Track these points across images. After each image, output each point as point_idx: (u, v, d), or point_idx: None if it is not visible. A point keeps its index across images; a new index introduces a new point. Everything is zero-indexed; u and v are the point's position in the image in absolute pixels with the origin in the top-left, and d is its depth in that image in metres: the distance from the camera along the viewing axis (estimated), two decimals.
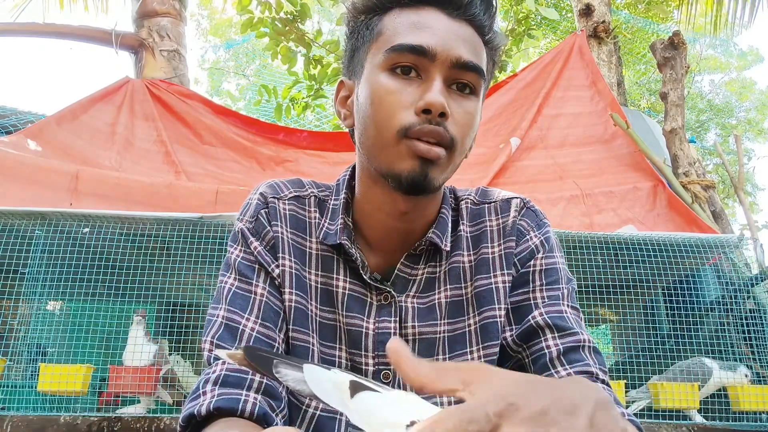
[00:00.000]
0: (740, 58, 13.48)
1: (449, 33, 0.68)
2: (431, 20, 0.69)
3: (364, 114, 0.70)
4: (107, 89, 3.46)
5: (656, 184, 3.03)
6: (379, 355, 0.73)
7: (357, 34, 0.75)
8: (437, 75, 0.67)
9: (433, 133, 0.66)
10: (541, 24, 6.96)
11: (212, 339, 0.70)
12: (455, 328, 0.76)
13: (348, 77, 0.78)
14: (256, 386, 0.67)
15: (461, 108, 0.69)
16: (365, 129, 0.71)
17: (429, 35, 0.67)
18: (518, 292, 0.76)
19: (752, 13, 5.00)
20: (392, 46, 0.68)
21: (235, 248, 0.76)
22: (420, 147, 0.66)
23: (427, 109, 0.65)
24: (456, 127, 0.68)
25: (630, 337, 3.18)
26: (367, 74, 0.71)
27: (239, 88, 12.49)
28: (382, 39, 0.70)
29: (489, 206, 0.80)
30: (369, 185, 0.75)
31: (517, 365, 0.75)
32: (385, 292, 0.75)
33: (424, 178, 0.67)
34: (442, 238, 0.75)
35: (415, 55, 0.67)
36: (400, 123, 0.66)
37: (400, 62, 0.68)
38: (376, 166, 0.70)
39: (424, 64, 0.67)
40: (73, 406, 2.20)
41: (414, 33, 0.68)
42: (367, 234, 0.77)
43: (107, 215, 2.34)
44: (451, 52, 0.67)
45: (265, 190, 0.79)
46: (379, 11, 0.72)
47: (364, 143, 0.71)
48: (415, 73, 0.68)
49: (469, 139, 0.71)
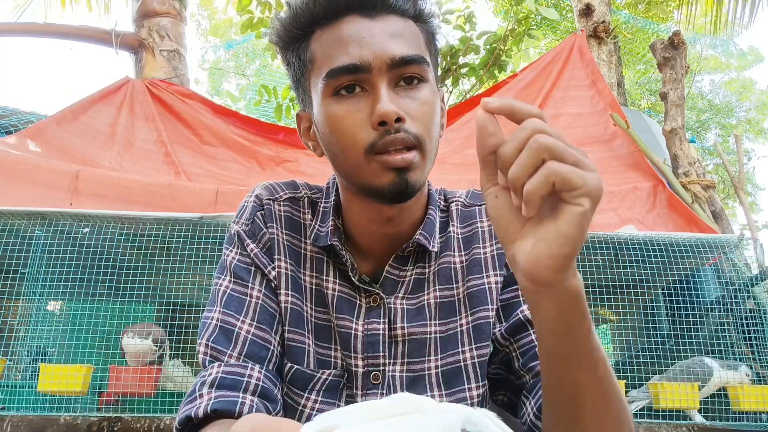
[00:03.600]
0: (740, 58, 13.47)
1: (375, 36, 0.67)
2: (353, 31, 0.67)
3: (327, 141, 0.70)
4: (107, 89, 3.46)
5: (656, 184, 3.03)
6: (369, 357, 0.73)
7: (292, 67, 0.74)
8: (379, 83, 0.66)
9: (397, 141, 0.65)
10: (541, 24, 6.95)
11: (207, 341, 0.70)
12: (447, 328, 0.76)
13: (302, 109, 0.77)
14: (252, 388, 0.67)
15: (415, 101, 0.67)
16: (334, 155, 0.71)
17: (356, 48, 0.66)
18: (508, 290, 0.77)
19: (752, 13, 5.00)
20: (327, 73, 0.67)
21: (231, 250, 0.76)
22: (391, 160, 0.65)
23: (382, 121, 0.64)
24: (416, 123, 0.67)
25: (630, 337, 3.18)
26: (316, 104, 0.70)
27: (239, 88, 12.49)
28: (316, 66, 0.70)
29: (480, 209, 0.81)
30: (350, 198, 0.75)
31: (504, 359, 0.76)
32: (374, 294, 0.75)
33: (406, 186, 0.66)
34: (430, 239, 0.75)
35: (351, 74, 0.66)
36: (362, 142, 0.66)
37: (340, 84, 0.67)
38: (355, 185, 0.70)
39: (364, 77, 0.66)
40: (73, 406, 2.19)
41: (342, 52, 0.66)
42: (356, 238, 0.77)
43: (107, 215, 2.34)
44: (384, 55, 0.66)
45: (261, 192, 0.79)
46: (303, 39, 0.71)
47: (339, 167, 0.72)
48: (360, 89, 0.67)
49: (434, 126, 0.69)
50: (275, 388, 0.70)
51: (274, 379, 0.71)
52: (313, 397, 0.73)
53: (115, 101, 3.41)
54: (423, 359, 0.75)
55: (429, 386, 0.74)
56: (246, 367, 0.68)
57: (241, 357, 0.69)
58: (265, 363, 0.70)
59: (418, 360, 0.75)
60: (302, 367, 0.73)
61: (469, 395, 0.74)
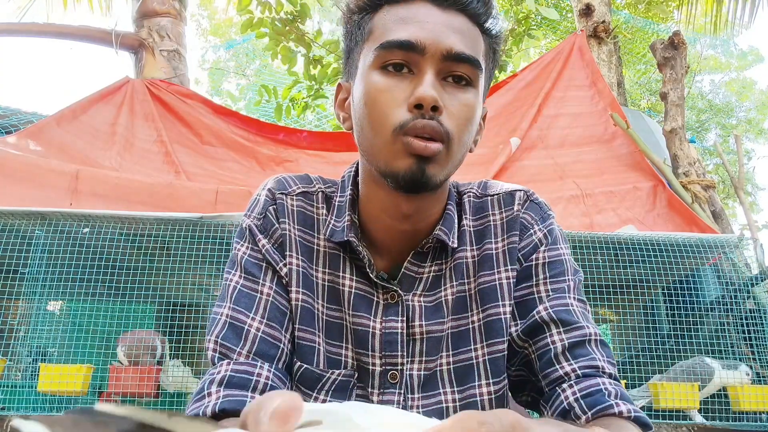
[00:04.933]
0: (740, 58, 13.47)
1: (439, 25, 0.66)
2: (420, 13, 0.67)
3: (360, 114, 0.69)
4: (107, 89, 3.46)
5: (656, 184, 3.03)
6: (386, 356, 0.72)
7: (350, 35, 0.74)
8: (428, 68, 0.65)
9: (426, 128, 0.64)
10: (541, 24, 6.96)
11: (216, 338, 0.69)
12: (459, 324, 0.75)
13: (345, 79, 0.77)
14: (261, 387, 0.66)
15: (457, 100, 0.67)
16: (362, 129, 0.69)
17: (417, 29, 0.66)
18: (522, 286, 0.74)
19: (752, 13, 5.00)
20: (381, 44, 0.67)
21: (242, 245, 0.74)
22: (415, 145, 0.64)
23: (418, 104, 0.64)
24: (452, 120, 0.66)
25: (630, 337, 3.18)
26: (360, 74, 0.70)
27: (239, 88, 12.48)
28: (372, 38, 0.69)
29: (492, 199, 0.78)
30: (371, 187, 0.73)
31: (524, 360, 0.74)
32: (392, 291, 0.73)
33: (422, 175, 0.65)
34: (449, 235, 0.74)
35: (404, 50, 0.66)
36: (394, 120, 0.65)
37: (391, 59, 0.67)
38: (375, 166, 0.69)
39: (415, 58, 0.66)
40: (73, 406, 2.19)
41: (402, 28, 0.66)
42: (373, 234, 0.76)
43: (107, 215, 2.34)
44: (442, 44, 0.65)
45: (274, 186, 0.77)
46: (369, 10, 0.71)
47: (362, 144, 0.71)
48: (407, 69, 0.67)
49: (468, 132, 0.68)
50: (284, 387, 0.69)
51: (283, 378, 0.70)
52: (322, 397, 0.72)
53: (115, 101, 3.41)
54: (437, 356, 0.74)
55: (441, 383, 0.73)
56: (255, 366, 0.67)
57: (251, 355, 0.68)
58: (274, 361, 0.69)
59: (434, 358, 0.74)
60: (312, 367, 0.72)
61: (479, 392, 0.72)
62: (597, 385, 0.66)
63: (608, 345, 0.71)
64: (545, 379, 0.70)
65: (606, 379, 0.67)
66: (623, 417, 0.63)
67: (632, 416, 0.63)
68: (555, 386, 0.68)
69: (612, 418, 0.64)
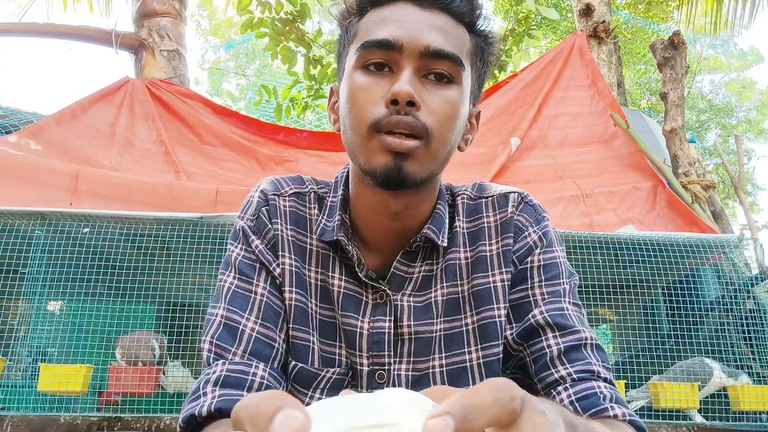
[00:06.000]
0: (740, 58, 13.47)
1: (418, 23, 0.67)
2: (400, 13, 0.68)
3: (343, 114, 0.71)
4: (107, 89, 3.46)
5: (656, 184, 3.03)
6: (374, 355, 0.72)
7: (341, 39, 0.76)
8: (406, 66, 0.66)
9: (401, 123, 0.64)
10: (541, 24, 6.95)
11: (211, 339, 0.70)
12: (452, 326, 0.74)
13: (337, 82, 0.78)
14: (257, 387, 0.67)
15: (438, 96, 0.67)
16: (345, 129, 0.71)
17: (396, 27, 0.67)
18: (517, 289, 0.74)
19: (752, 13, 5.00)
20: (362, 44, 0.68)
21: (236, 246, 0.75)
22: (389, 141, 0.65)
23: (394, 100, 0.64)
24: (431, 116, 0.66)
25: (630, 337, 3.18)
26: (345, 75, 0.71)
27: (239, 88, 12.49)
28: (356, 39, 0.71)
29: (486, 201, 0.78)
30: (360, 186, 0.74)
31: (519, 363, 0.74)
32: (381, 291, 0.74)
33: (399, 172, 0.65)
34: (438, 233, 0.74)
35: (383, 49, 0.67)
36: (370, 118, 0.66)
37: (371, 59, 0.68)
38: (357, 164, 0.70)
39: (394, 57, 0.67)
40: (73, 406, 2.19)
41: (382, 28, 0.68)
42: (363, 233, 0.76)
43: (107, 215, 2.34)
44: (419, 41, 0.66)
45: (266, 187, 0.78)
46: (357, 14, 0.73)
47: (346, 143, 0.71)
48: (388, 68, 0.68)
49: (451, 129, 0.68)
50: (280, 386, 0.70)
51: (278, 377, 0.70)
52: (318, 396, 0.72)
53: (115, 101, 3.41)
54: (428, 358, 0.74)
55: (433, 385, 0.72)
56: (250, 366, 0.68)
57: (246, 355, 0.69)
58: (269, 361, 0.70)
59: (424, 359, 0.74)
60: (307, 366, 0.73)
61: None
62: (592, 388, 0.66)
63: (604, 349, 0.72)
64: (541, 382, 0.70)
65: (601, 382, 0.67)
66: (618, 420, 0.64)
67: (627, 419, 0.64)
68: (550, 389, 0.68)
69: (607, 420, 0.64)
